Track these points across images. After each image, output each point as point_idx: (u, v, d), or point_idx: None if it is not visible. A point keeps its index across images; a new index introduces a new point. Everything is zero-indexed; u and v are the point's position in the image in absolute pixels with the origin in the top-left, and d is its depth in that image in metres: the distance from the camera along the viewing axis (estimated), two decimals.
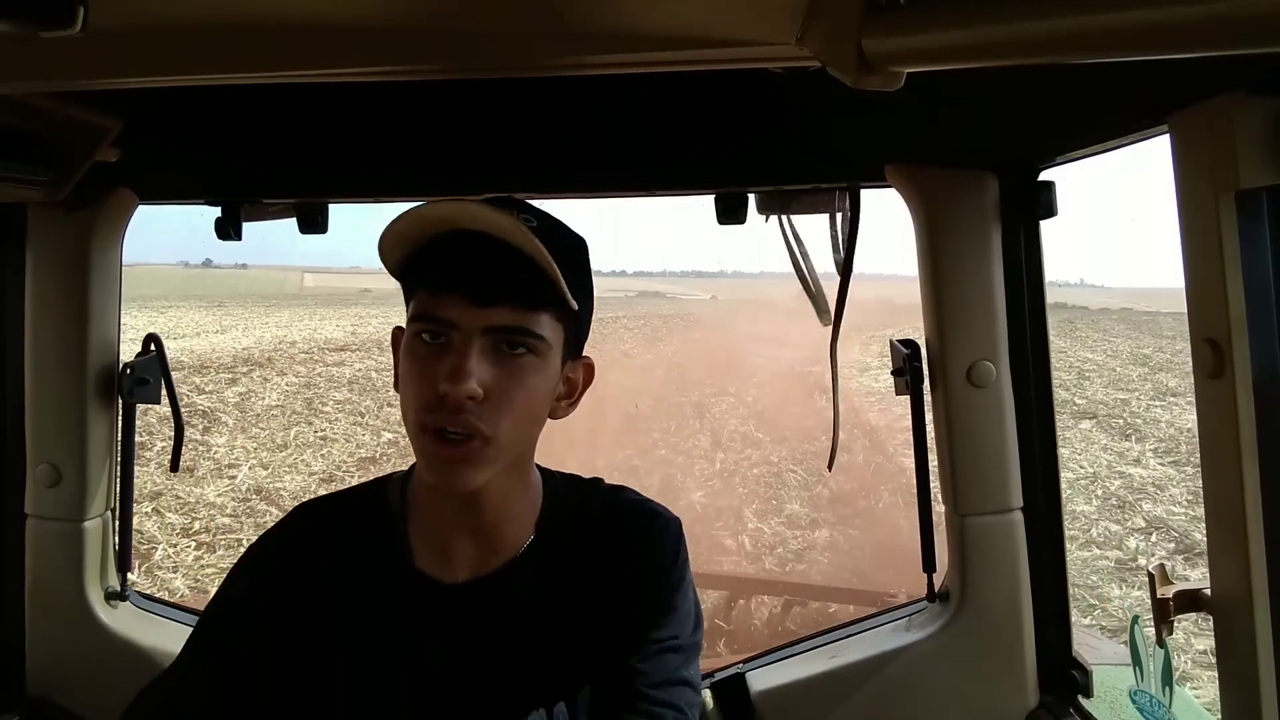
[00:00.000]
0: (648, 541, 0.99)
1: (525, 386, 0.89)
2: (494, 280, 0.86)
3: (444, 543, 0.96)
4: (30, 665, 1.56)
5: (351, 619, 0.95)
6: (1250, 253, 0.87)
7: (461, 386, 0.83)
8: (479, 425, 0.85)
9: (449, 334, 0.86)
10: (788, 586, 5.00)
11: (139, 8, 0.65)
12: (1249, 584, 0.89)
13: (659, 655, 0.93)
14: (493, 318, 0.86)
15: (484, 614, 0.95)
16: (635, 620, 0.95)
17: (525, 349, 0.88)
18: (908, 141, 1.29)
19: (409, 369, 0.89)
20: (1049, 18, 0.48)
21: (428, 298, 0.87)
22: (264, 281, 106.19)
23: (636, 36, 0.66)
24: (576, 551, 0.98)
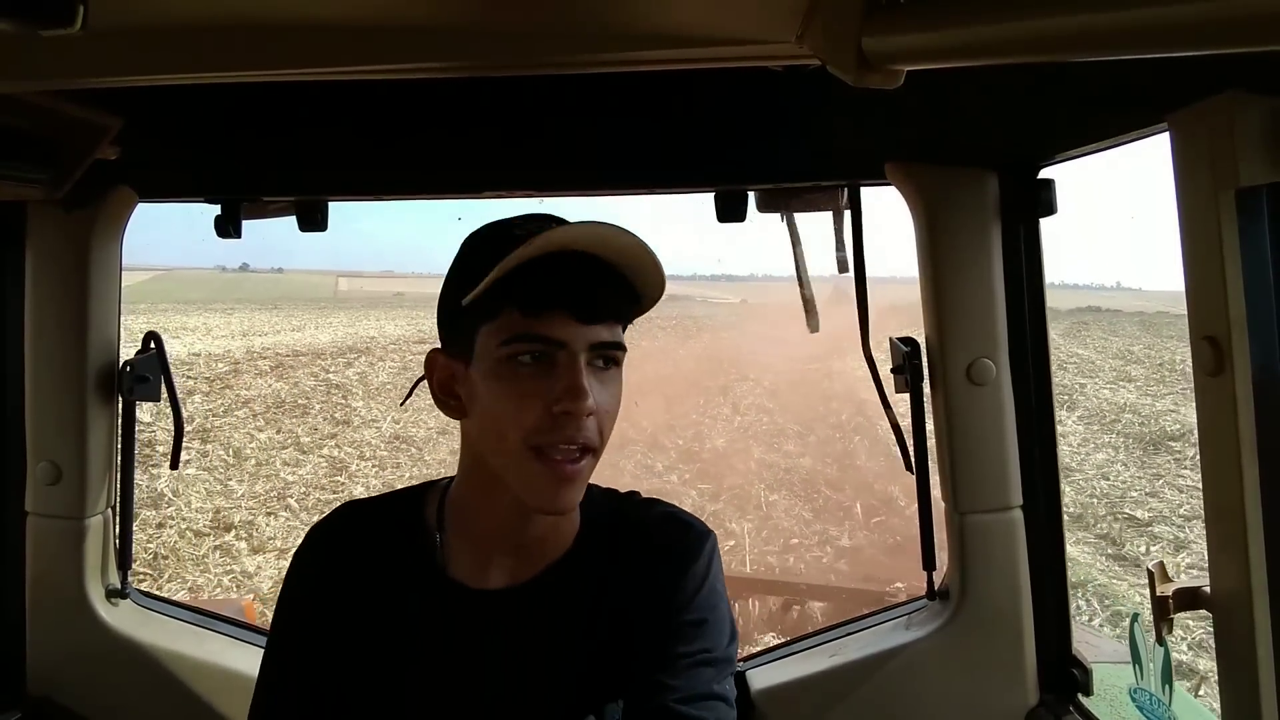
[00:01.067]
0: (679, 553, 0.97)
1: (616, 397, 0.91)
2: (596, 297, 0.87)
3: (484, 553, 0.97)
4: (31, 663, 1.56)
5: (384, 624, 0.96)
6: (1250, 251, 0.87)
7: (583, 403, 0.84)
8: (592, 440, 0.87)
9: (555, 353, 0.86)
10: (786, 587, 5.01)
11: (138, 7, 0.65)
12: (1248, 582, 0.89)
13: (690, 669, 0.91)
14: (596, 334, 0.87)
15: (516, 622, 0.95)
16: (665, 633, 0.93)
17: (614, 362, 0.91)
18: (908, 139, 1.29)
19: (507, 391, 0.87)
20: (1049, 16, 0.47)
21: (525, 318, 0.86)
22: (300, 285, 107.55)
23: (637, 35, 0.66)
24: (610, 564, 0.97)
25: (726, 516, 8.12)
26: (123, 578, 1.61)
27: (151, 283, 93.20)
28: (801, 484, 9.41)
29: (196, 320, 31.39)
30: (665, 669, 0.91)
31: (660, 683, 0.90)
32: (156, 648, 1.58)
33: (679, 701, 0.89)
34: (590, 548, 0.98)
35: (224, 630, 1.69)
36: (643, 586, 0.96)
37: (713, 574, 0.98)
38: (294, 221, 1.55)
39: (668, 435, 11.76)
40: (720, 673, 0.94)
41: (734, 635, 0.99)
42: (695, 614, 0.95)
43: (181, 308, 43.10)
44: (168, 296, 60.45)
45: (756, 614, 4.98)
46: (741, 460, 10.59)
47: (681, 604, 0.95)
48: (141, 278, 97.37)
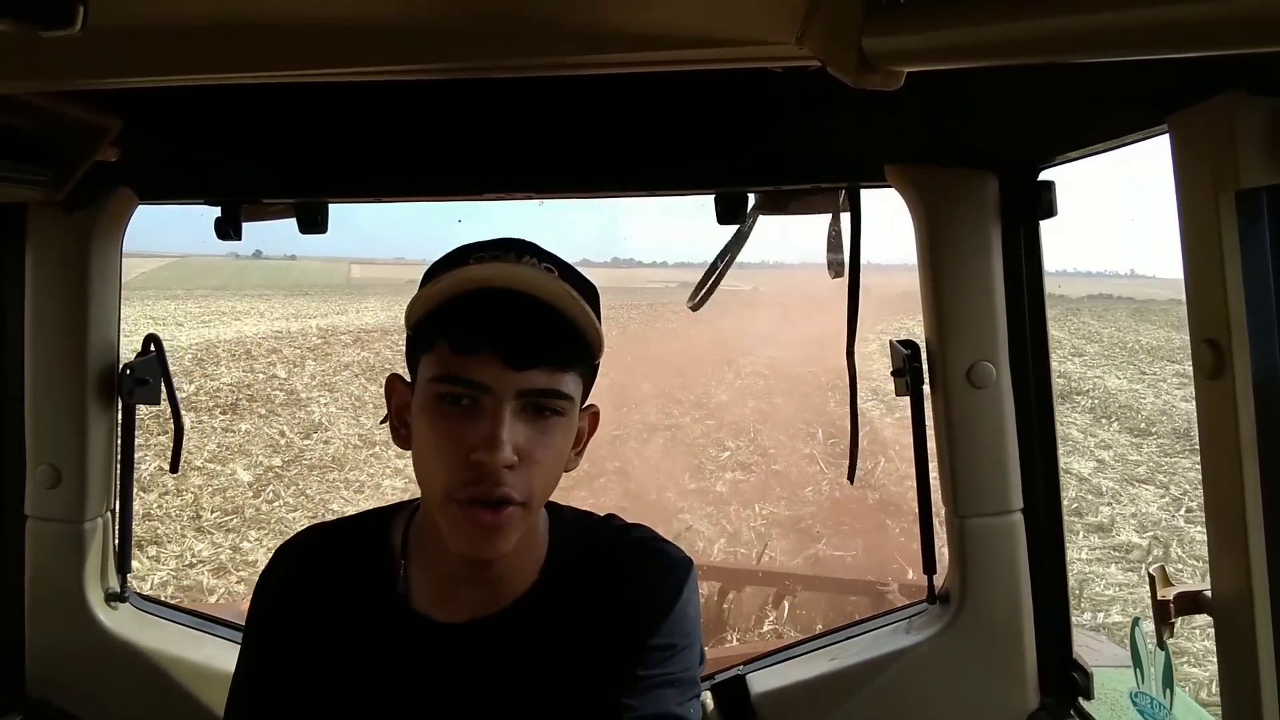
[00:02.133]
0: (651, 580, 0.95)
1: (554, 448, 0.87)
2: (528, 341, 0.83)
3: (445, 587, 0.95)
4: (30, 666, 1.56)
5: (346, 655, 0.94)
6: (1250, 252, 0.86)
7: (498, 456, 0.81)
8: (513, 493, 0.83)
9: (478, 397, 0.83)
10: (779, 576, 5.01)
11: (139, 7, 0.65)
12: (1249, 585, 0.89)
13: (654, 690, 0.90)
14: (527, 381, 0.83)
15: (481, 656, 0.93)
16: (633, 659, 0.91)
17: (553, 410, 0.86)
18: (908, 141, 1.29)
19: (431, 433, 0.85)
20: (1049, 17, 0.47)
21: (454, 356, 0.83)
22: (314, 272, 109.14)
23: (636, 36, 0.66)
24: (579, 594, 0.95)
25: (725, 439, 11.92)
26: (122, 581, 1.61)
27: (166, 269, 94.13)
28: (782, 421, 12.54)
29: (230, 305, 34.68)
30: (628, 690, 0.89)
31: (622, 704, 0.88)
32: (156, 651, 1.58)
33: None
34: (558, 579, 0.96)
35: (223, 634, 1.69)
36: (613, 616, 0.93)
37: (683, 600, 0.95)
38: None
39: (681, 393, 14.69)
40: (683, 693, 0.92)
41: (701, 659, 0.97)
42: (664, 639, 0.92)
43: (210, 293, 46.54)
44: (185, 283, 62.03)
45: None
46: (739, 408, 13.75)
47: (651, 630, 0.92)
48: (155, 264, 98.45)
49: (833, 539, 7.57)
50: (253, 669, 0.99)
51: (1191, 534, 8.22)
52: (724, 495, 9.37)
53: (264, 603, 1.00)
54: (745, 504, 8.96)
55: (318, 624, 0.95)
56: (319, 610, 0.96)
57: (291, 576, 1.00)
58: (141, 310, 27.11)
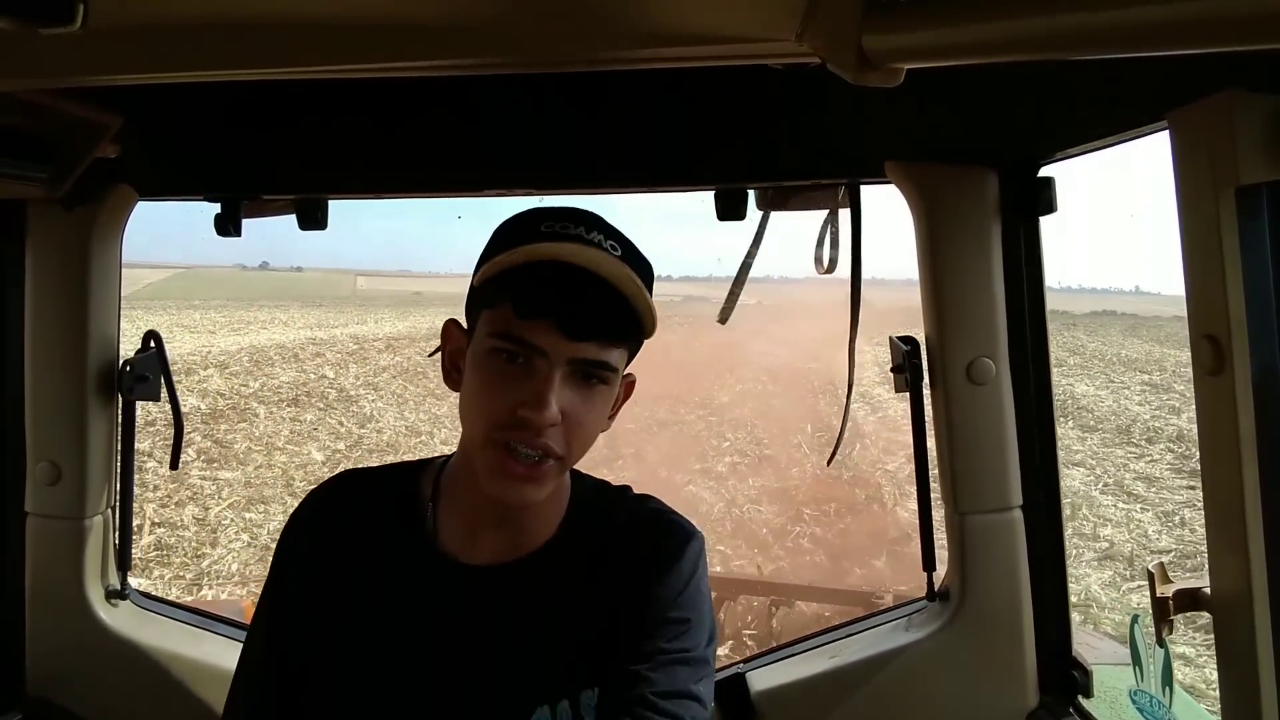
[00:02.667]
0: (666, 552, 0.99)
1: (595, 412, 0.91)
2: (587, 314, 0.87)
3: (471, 529, 0.98)
4: (30, 664, 1.56)
5: (373, 591, 0.97)
6: (1250, 249, 0.86)
7: (545, 414, 0.85)
8: (553, 446, 0.88)
9: (532, 359, 0.87)
10: (773, 587, 5.00)
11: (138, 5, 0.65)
12: (1249, 583, 0.89)
13: (669, 666, 0.93)
14: (580, 351, 0.88)
15: (500, 599, 0.96)
16: (647, 629, 0.94)
17: (599, 380, 0.91)
18: (908, 138, 1.29)
19: (482, 381, 0.89)
20: (1049, 14, 0.47)
21: (515, 318, 0.87)
22: (320, 283, 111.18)
23: (637, 34, 0.66)
24: (594, 554, 0.99)
25: (725, 432, 13.46)
26: (122, 578, 1.61)
27: (172, 280, 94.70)
28: (776, 418, 13.82)
29: (252, 315, 38.16)
30: (645, 663, 0.92)
31: (639, 675, 0.91)
32: (156, 649, 1.58)
33: (656, 696, 0.90)
34: (576, 537, 1.00)
35: (223, 631, 1.69)
36: (628, 581, 0.96)
37: (697, 575, 0.99)
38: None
39: (687, 395, 15.99)
40: (697, 672, 0.94)
41: (713, 637, 0.99)
42: (678, 612, 0.95)
43: (227, 303, 51.26)
44: (196, 294, 63.25)
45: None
46: (739, 408, 15.48)
47: (666, 602, 0.95)
48: (161, 275, 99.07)
49: (811, 504, 9.07)
50: (276, 604, 1.01)
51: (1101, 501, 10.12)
52: (723, 473, 10.86)
53: (293, 539, 1.02)
54: (741, 479, 10.52)
55: (345, 561, 0.98)
56: (347, 548, 0.99)
57: (322, 516, 1.02)
58: (170, 319, 30.68)
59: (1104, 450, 12.86)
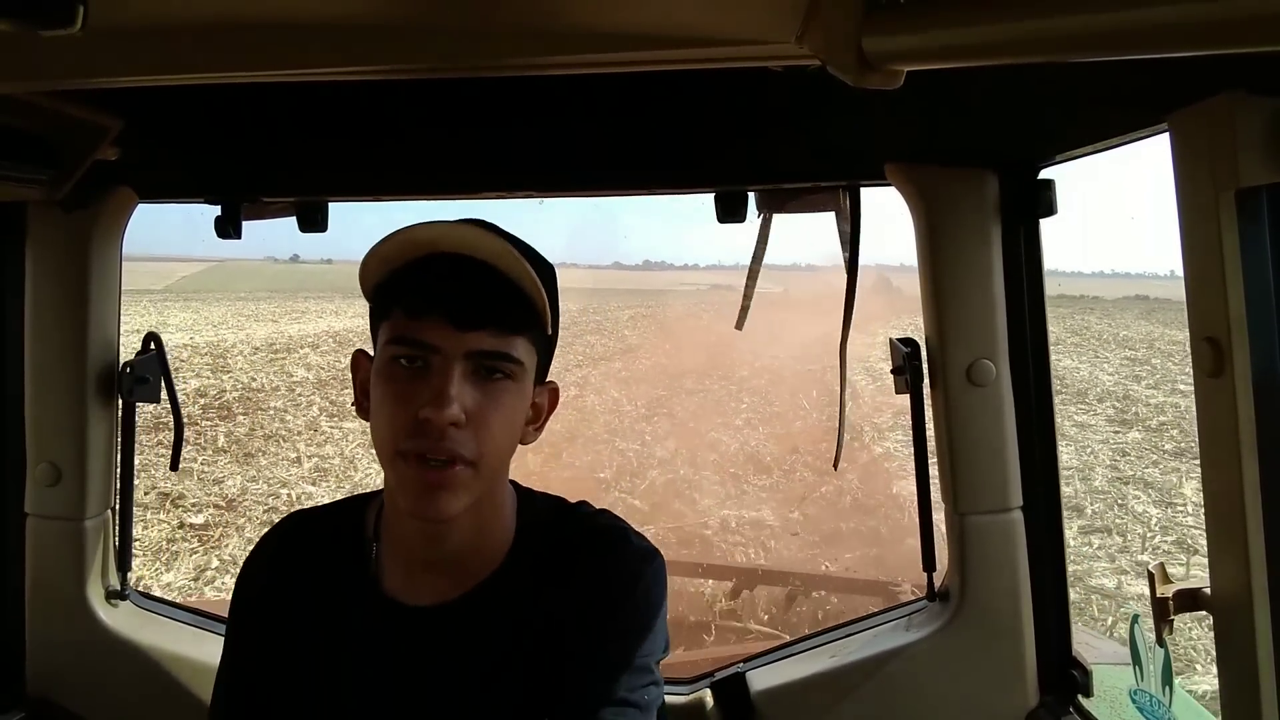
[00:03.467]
0: (615, 566, 0.96)
1: (502, 411, 0.88)
2: (476, 303, 0.86)
3: (410, 568, 0.96)
4: (30, 664, 1.56)
5: (323, 635, 0.96)
6: (1250, 251, 0.86)
7: (445, 412, 0.83)
8: (460, 450, 0.85)
9: (428, 358, 0.85)
10: (794, 576, 5.01)
11: (139, 7, 0.65)
12: (1249, 583, 0.89)
13: (607, 673, 0.90)
14: (474, 342, 0.86)
15: (446, 639, 0.94)
16: (593, 640, 0.92)
17: (502, 374, 0.88)
18: (908, 140, 1.29)
19: (384, 393, 0.87)
20: (1049, 17, 0.47)
21: (406, 320, 0.86)
22: (350, 276, 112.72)
23: (636, 35, 0.66)
24: (545, 579, 0.95)
25: (743, 397, 16.04)
26: (122, 579, 1.61)
27: (206, 274, 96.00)
28: (788, 388, 16.49)
29: (302, 306, 43.01)
30: (587, 670, 0.90)
31: (584, 688, 0.89)
32: (156, 649, 1.58)
33: (601, 704, 0.88)
34: (523, 563, 0.97)
35: (223, 631, 1.69)
36: (576, 601, 0.94)
37: (643, 586, 0.95)
38: (340, 211, 1.55)
39: (711, 370, 18.48)
40: (638, 679, 0.92)
41: (665, 648, 0.97)
42: (621, 623, 0.93)
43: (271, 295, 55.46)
44: (235, 286, 65.37)
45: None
46: (757, 380, 17.83)
47: (609, 613, 0.93)
48: (196, 269, 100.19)
49: (806, 444, 11.43)
50: (237, 654, 1.01)
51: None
52: (739, 425, 13.55)
53: (247, 589, 1.02)
54: (753, 429, 13.33)
55: (298, 607, 0.97)
56: (299, 594, 0.98)
57: (273, 562, 1.02)
58: (233, 309, 35.04)
59: (1058, 405, 14.11)
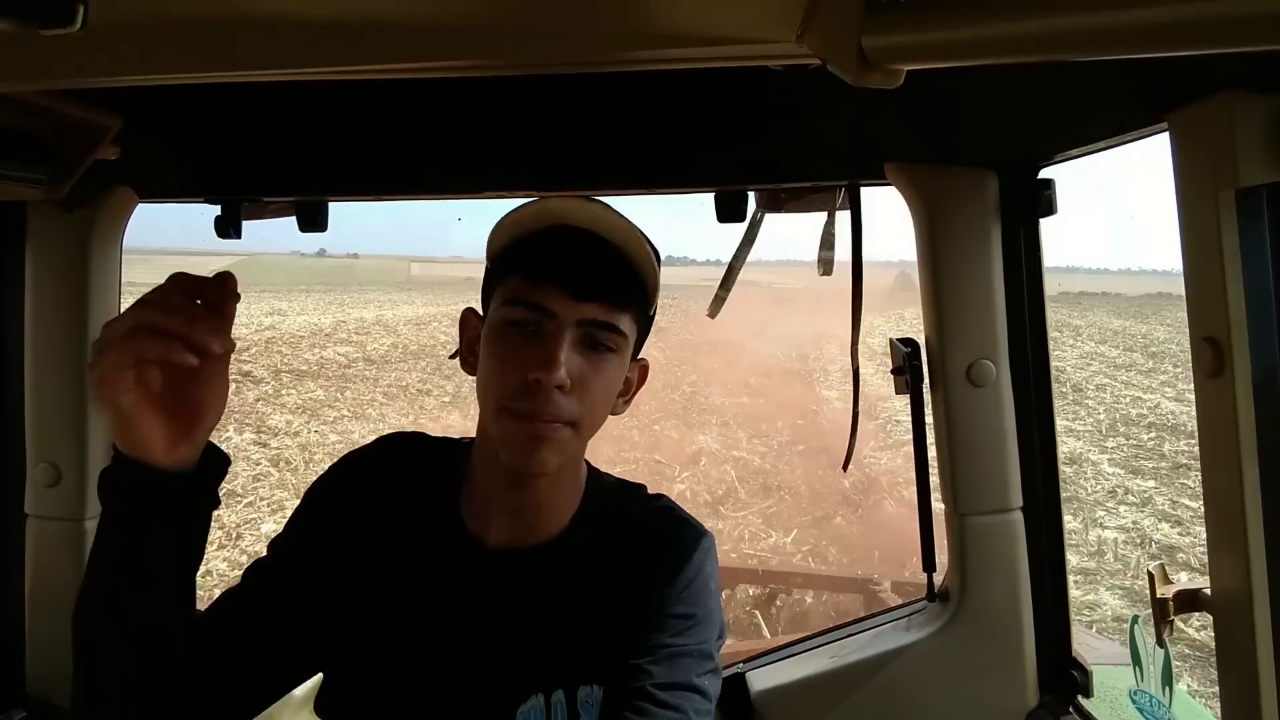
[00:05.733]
0: (675, 548, 0.99)
1: (605, 380, 0.93)
2: (593, 275, 0.90)
3: (487, 513, 0.99)
4: (31, 664, 1.56)
5: (399, 560, 0.98)
6: (1250, 251, 0.86)
7: (555, 374, 0.87)
8: (563, 412, 0.89)
9: (542, 322, 0.90)
10: (772, 575, 5.04)
11: (139, 6, 0.65)
12: (1249, 583, 0.89)
13: (670, 659, 0.93)
14: (587, 311, 0.90)
15: (510, 583, 0.97)
16: (650, 624, 0.94)
17: (608, 346, 0.93)
18: (907, 139, 1.29)
19: (496, 351, 0.92)
20: (1049, 15, 0.47)
21: (525, 285, 0.90)
22: (376, 270, 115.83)
23: (636, 35, 0.66)
24: (603, 549, 0.99)
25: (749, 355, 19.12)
26: None
27: (239, 267, 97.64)
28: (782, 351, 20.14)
29: (347, 297, 46.98)
30: (647, 656, 0.92)
31: (640, 668, 0.91)
32: None
33: (656, 688, 0.89)
34: (587, 530, 1.00)
35: None
36: (634, 577, 0.97)
37: (705, 571, 0.99)
38: (366, 206, 1.55)
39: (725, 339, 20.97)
40: (701, 666, 0.94)
41: (721, 634, 0.99)
42: (684, 607, 0.95)
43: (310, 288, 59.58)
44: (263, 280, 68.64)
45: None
46: (767, 362, 19.45)
47: (671, 597, 0.96)
48: (228, 262, 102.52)
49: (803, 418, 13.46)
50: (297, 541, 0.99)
51: None
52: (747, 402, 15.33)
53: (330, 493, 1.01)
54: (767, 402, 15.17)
55: (383, 525, 0.99)
56: (385, 512, 0.99)
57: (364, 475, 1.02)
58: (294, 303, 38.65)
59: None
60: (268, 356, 20.05)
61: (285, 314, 32.80)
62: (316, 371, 18.58)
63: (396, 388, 16.97)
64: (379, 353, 22.10)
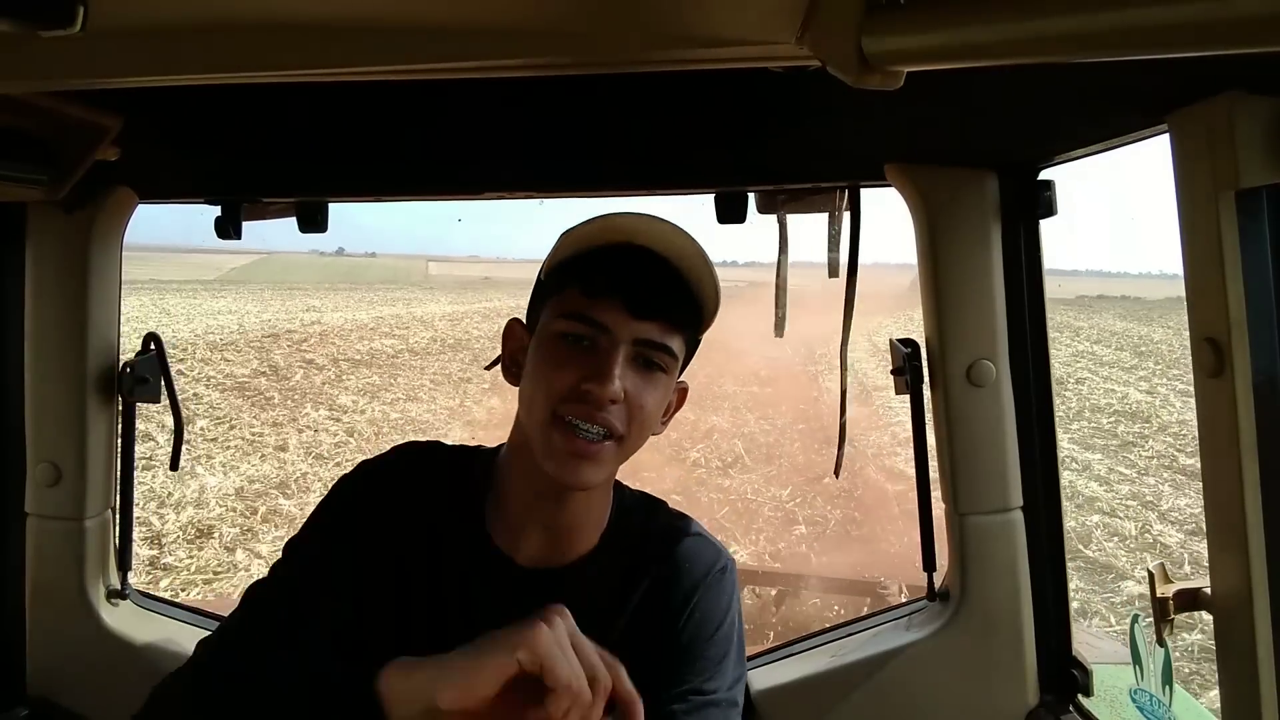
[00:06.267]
0: (706, 585, 0.99)
1: (654, 398, 0.92)
2: (653, 295, 0.90)
3: (519, 526, 0.98)
4: (31, 664, 1.56)
5: (425, 574, 0.96)
6: (1250, 252, 0.87)
7: (609, 388, 0.87)
8: (615, 425, 0.89)
9: (596, 337, 0.89)
10: (781, 578, 5.04)
11: (139, 7, 0.65)
12: (1249, 583, 0.89)
13: (701, 709, 0.93)
14: (643, 330, 0.90)
15: (541, 603, 0.94)
16: (681, 665, 0.94)
17: (660, 365, 0.92)
18: (907, 141, 1.28)
19: (547, 359, 0.91)
20: (1049, 17, 0.47)
21: (582, 298, 0.90)
22: (394, 269, 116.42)
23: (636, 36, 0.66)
24: (630, 571, 0.99)
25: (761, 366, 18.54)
26: (123, 578, 1.61)
27: (256, 265, 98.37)
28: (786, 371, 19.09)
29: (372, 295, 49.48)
30: (679, 703, 0.92)
31: (674, 714, 0.91)
32: (156, 648, 1.58)
33: (702, 707, 0.90)
34: (617, 547, 1.00)
35: None
36: (668, 608, 0.96)
37: (733, 608, 1.00)
38: (384, 206, 1.55)
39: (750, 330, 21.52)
40: (726, 714, 0.94)
41: (741, 677, 0.99)
42: (714, 649, 0.96)
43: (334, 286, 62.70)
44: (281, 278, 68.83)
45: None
46: (787, 361, 19.88)
47: (704, 640, 0.96)
48: (245, 260, 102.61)
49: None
50: (316, 553, 0.97)
51: None
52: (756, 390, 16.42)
53: (349, 503, 0.99)
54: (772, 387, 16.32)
55: (404, 538, 0.97)
56: (406, 526, 0.97)
57: (383, 484, 1.00)
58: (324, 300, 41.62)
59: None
60: (324, 347, 22.05)
61: (321, 310, 34.88)
62: (369, 360, 20.21)
63: (441, 375, 18.46)
64: (420, 345, 23.78)
